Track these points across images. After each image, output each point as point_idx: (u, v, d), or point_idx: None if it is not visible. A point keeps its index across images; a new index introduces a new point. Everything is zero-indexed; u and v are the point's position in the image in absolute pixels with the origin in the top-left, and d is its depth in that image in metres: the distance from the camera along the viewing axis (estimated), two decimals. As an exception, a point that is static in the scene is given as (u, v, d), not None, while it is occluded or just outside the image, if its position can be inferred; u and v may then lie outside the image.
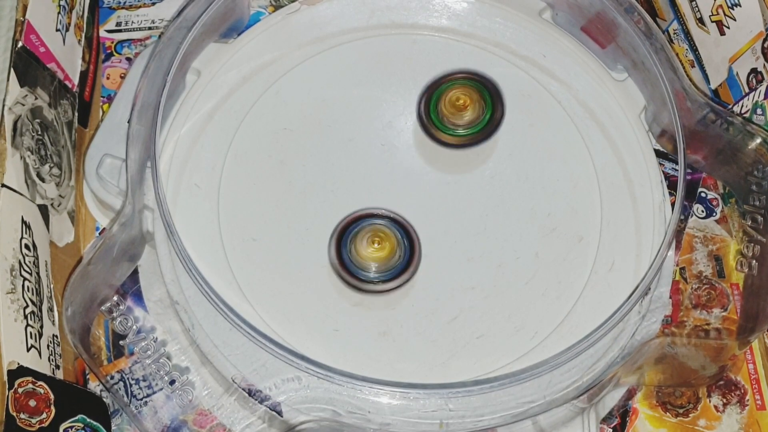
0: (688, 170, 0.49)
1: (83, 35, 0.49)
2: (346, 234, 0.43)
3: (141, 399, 0.43)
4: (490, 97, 0.46)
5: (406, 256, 0.43)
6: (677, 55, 0.51)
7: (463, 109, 0.46)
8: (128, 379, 0.43)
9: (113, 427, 0.42)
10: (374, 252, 0.43)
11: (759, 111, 0.47)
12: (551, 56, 0.50)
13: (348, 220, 0.44)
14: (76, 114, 0.48)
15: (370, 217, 0.44)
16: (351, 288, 0.43)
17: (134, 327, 0.43)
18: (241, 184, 0.46)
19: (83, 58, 0.49)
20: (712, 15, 0.50)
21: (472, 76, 0.47)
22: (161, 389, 0.43)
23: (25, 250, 0.40)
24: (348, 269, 0.43)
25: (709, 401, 0.47)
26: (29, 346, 0.38)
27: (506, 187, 0.47)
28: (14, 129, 0.41)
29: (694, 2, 0.50)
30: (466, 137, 0.46)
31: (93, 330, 0.43)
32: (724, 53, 0.49)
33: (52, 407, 0.38)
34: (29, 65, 0.42)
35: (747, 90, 0.48)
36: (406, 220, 0.44)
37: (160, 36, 0.51)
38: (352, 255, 0.43)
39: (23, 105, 0.42)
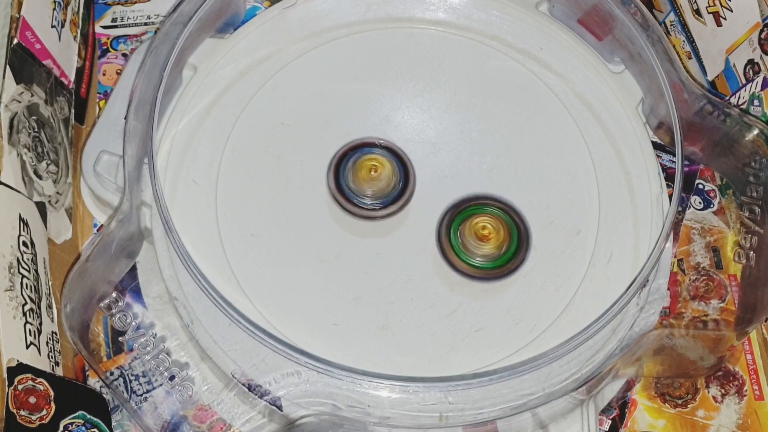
0: (686, 162, 0.49)
1: (79, 31, 0.49)
2: (343, 162, 0.45)
3: (141, 395, 0.43)
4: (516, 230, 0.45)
5: (401, 184, 0.45)
6: (674, 46, 0.51)
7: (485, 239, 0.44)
8: (128, 375, 0.43)
9: (113, 423, 0.42)
10: (371, 179, 0.44)
11: (756, 102, 0.47)
12: (548, 49, 0.50)
13: (345, 149, 0.46)
14: (73, 111, 0.48)
15: (366, 146, 0.45)
16: (349, 214, 0.44)
17: (133, 323, 0.43)
18: (238, 180, 0.46)
19: (79, 55, 0.49)
20: (709, 6, 0.50)
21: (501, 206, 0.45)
22: (161, 385, 0.43)
23: (23, 248, 0.40)
24: (345, 195, 0.44)
25: (708, 392, 0.47)
26: (28, 343, 0.38)
27: (504, 180, 0.47)
28: (11, 126, 0.41)
29: (690, -6, 0.50)
30: (486, 269, 0.44)
31: (92, 327, 0.43)
32: (721, 44, 0.49)
33: (52, 404, 0.38)
34: (25, 62, 0.42)
35: (744, 81, 0.48)
36: (401, 149, 0.45)
37: (156, 32, 0.51)
38: (349, 182, 0.45)
39: (19, 102, 0.42)
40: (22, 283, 0.39)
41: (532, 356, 0.42)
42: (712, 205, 0.50)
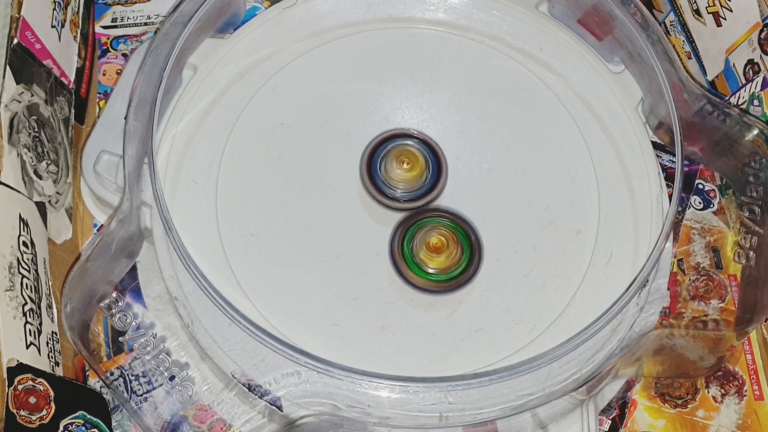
0: (686, 162, 0.49)
1: (79, 31, 0.49)
2: (377, 152, 0.45)
3: (141, 395, 0.43)
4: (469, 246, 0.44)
5: (433, 177, 0.45)
6: (674, 46, 0.51)
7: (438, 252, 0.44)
8: (128, 375, 0.43)
9: (113, 423, 0.42)
10: (403, 172, 0.45)
11: (756, 102, 0.47)
12: (548, 49, 0.50)
13: (379, 139, 0.46)
14: (73, 111, 0.48)
15: (400, 137, 0.46)
16: (380, 204, 0.45)
17: (133, 323, 0.43)
18: (238, 180, 0.46)
19: (79, 55, 0.49)
20: (709, 6, 0.50)
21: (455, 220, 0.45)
22: (161, 385, 0.43)
23: (23, 248, 0.40)
24: (378, 187, 0.44)
25: (708, 392, 0.47)
26: (28, 343, 0.38)
27: (504, 180, 0.47)
28: (11, 126, 0.41)
29: (690, -6, 0.50)
30: (441, 282, 0.44)
31: (92, 327, 0.43)
32: (721, 44, 0.49)
33: (52, 404, 0.38)
34: (25, 62, 0.42)
35: (744, 81, 0.48)
36: (435, 142, 0.46)
37: (156, 32, 0.51)
38: (381, 173, 0.45)
39: (19, 102, 0.42)
40: (22, 283, 0.39)
41: (532, 356, 0.42)
42: (712, 205, 0.50)
